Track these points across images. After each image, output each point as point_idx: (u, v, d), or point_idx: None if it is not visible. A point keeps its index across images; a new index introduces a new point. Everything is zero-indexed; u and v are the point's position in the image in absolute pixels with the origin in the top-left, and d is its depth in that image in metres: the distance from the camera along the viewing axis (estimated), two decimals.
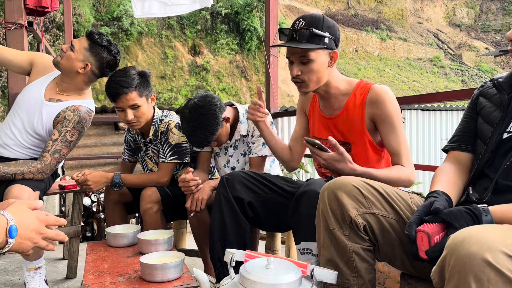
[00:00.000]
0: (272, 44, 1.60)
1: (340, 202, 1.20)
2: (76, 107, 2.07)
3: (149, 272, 1.44)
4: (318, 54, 1.53)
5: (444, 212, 1.01)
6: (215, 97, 1.97)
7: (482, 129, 1.26)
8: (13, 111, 2.12)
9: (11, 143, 2.07)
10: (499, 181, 1.12)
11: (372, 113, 1.56)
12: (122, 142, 3.82)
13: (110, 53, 2.07)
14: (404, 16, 23.82)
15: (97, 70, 2.09)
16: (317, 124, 1.74)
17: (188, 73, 13.71)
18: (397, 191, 1.27)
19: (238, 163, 2.19)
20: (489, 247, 0.78)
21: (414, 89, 18.04)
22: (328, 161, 1.41)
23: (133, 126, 2.15)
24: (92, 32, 2.07)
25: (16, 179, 1.92)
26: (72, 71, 2.05)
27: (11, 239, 0.90)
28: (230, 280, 1.15)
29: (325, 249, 1.24)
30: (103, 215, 3.46)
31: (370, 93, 1.57)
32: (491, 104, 1.26)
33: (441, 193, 1.14)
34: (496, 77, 1.31)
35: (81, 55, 2.03)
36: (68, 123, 2.03)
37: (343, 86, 1.64)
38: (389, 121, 1.54)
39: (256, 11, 13.32)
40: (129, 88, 2.04)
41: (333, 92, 1.64)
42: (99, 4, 12.80)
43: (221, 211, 1.73)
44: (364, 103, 1.58)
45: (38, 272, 2.06)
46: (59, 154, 2.02)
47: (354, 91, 1.62)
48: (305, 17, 1.53)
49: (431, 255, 0.97)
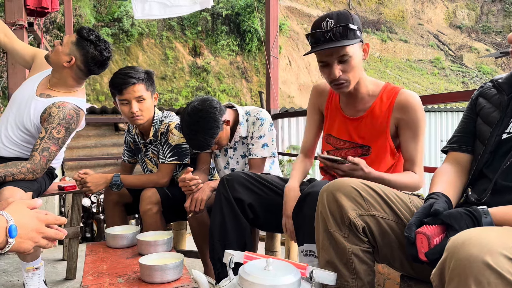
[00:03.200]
0: (305, 53, 1.56)
1: (339, 203, 1.20)
2: (62, 103, 2.05)
3: (148, 273, 1.44)
4: (354, 49, 1.50)
5: (443, 214, 1.01)
6: (214, 100, 1.97)
7: (481, 130, 1.25)
8: (8, 107, 2.14)
9: (6, 141, 2.07)
10: (498, 181, 1.12)
11: (399, 118, 1.55)
12: (122, 143, 3.81)
13: (95, 47, 2.05)
14: (404, 17, 23.83)
15: (82, 64, 2.07)
16: (337, 123, 1.70)
17: (189, 74, 13.71)
18: (396, 193, 1.27)
19: (237, 164, 2.19)
20: (490, 250, 0.78)
21: (415, 90, 18.03)
22: (348, 172, 1.41)
23: (136, 120, 2.12)
24: (83, 27, 2.07)
25: (6, 181, 1.90)
26: (59, 64, 2.06)
27: (11, 239, 0.90)
28: (229, 281, 1.15)
29: (324, 251, 1.24)
30: (103, 216, 3.46)
31: (399, 97, 1.55)
32: (491, 104, 1.25)
33: (441, 194, 1.13)
34: (496, 78, 1.31)
35: (67, 48, 2.04)
36: (53, 119, 2.01)
37: (370, 86, 1.62)
38: (414, 128, 1.54)
39: (257, 12, 13.32)
40: (136, 79, 2.06)
41: (362, 91, 1.61)
42: (99, 5, 12.80)
43: (221, 212, 1.72)
44: (391, 108, 1.56)
45: (37, 273, 2.05)
46: (48, 151, 1.99)
47: (381, 94, 1.59)
48: (332, 15, 1.48)
49: (431, 257, 0.97)
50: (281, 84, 14.02)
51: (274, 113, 3.63)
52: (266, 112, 2.15)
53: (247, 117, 2.12)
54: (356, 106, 1.64)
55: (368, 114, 1.60)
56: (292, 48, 16.02)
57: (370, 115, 1.60)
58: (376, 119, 1.58)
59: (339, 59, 1.48)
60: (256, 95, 13.76)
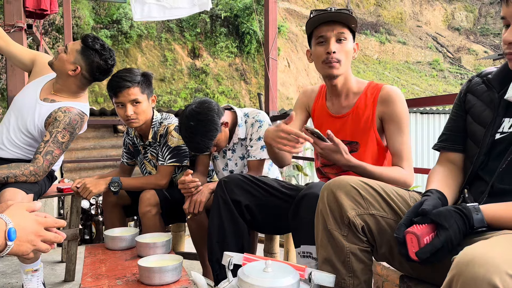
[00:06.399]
0: (308, 20, 1.63)
1: (339, 202, 1.21)
2: (68, 108, 2.06)
3: (147, 275, 1.44)
4: (349, 37, 1.60)
5: (433, 212, 1.00)
6: (212, 103, 1.97)
7: (473, 130, 1.23)
8: (9, 110, 2.14)
9: (7, 143, 2.07)
10: (495, 184, 1.11)
11: (382, 111, 1.60)
12: (121, 145, 3.82)
13: (101, 57, 2.06)
14: (403, 19, 23.88)
15: (87, 73, 2.08)
16: (324, 123, 1.74)
17: (188, 76, 13.72)
18: (396, 190, 1.27)
19: (236, 166, 2.19)
20: (496, 270, 0.77)
21: (413, 92, 18.07)
22: (325, 150, 1.46)
23: (131, 123, 2.13)
24: (87, 35, 2.07)
25: (8, 182, 1.90)
26: (63, 72, 2.06)
27: (10, 242, 0.90)
28: (228, 283, 1.15)
29: (323, 249, 1.25)
30: (102, 218, 3.46)
31: (382, 91, 1.61)
32: (481, 102, 1.22)
33: (434, 191, 1.13)
34: (484, 72, 1.26)
35: (72, 57, 2.04)
36: (59, 124, 2.02)
37: (355, 84, 1.68)
38: (396, 121, 1.57)
39: (256, 14, 13.34)
40: (131, 83, 2.06)
41: (347, 88, 1.67)
42: (98, 7, 12.80)
43: (219, 214, 1.72)
44: (375, 102, 1.61)
45: (36, 275, 2.05)
46: (51, 155, 2.00)
47: (366, 90, 1.65)
48: (334, 7, 1.58)
49: (422, 256, 0.97)
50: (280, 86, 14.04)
51: (273, 115, 3.64)
52: (264, 114, 2.15)
53: (246, 119, 2.13)
54: (342, 103, 1.69)
55: (354, 110, 1.65)
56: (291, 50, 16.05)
57: (355, 111, 1.64)
58: (362, 115, 1.63)
59: (338, 36, 1.58)
60: (255, 97, 13.78)
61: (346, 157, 1.45)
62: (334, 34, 1.57)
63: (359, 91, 1.66)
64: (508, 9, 1.02)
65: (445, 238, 0.95)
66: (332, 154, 1.45)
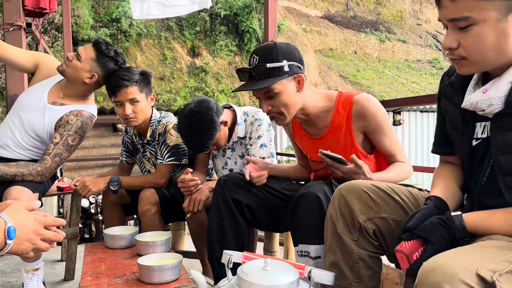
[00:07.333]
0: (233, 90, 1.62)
1: (350, 207, 1.21)
2: (79, 112, 2.08)
3: (146, 274, 1.44)
4: (282, 85, 1.52)
5: (418, 228, 1.00)
6: (211, 102, 1.97)
7: (452, 136, 1.19)
8: (14, 112, 2.13)
9: (11, 144, 2.07)
10: (481, 198, 1.09)
11: (362, 126, 1.59)
12: (120, 143, 3.83)
13: (116, 64, 2.10)
14: (403, 17, 23.86)
15: (103, 80, 2.11)
16: (306, 146, 1.76)
17: (187, 75, 13.70)
18: (409, 190, 1.26)
19: (236, 165, 2.19)
20: (452, 278, 0.78)
21: (413, 90, 18.06)
22: (347, 174, 1.44)
23: (130, 122, 2.14)
24: (98, 42, 2.08)
25: (15, 180, 1.92)
26: (78, 80, 2.07)
27: (9, 241, 0.90)
28: (228, 281, 1.15)
29: (331, 252, 1.25)
30: (101, 217, 3.46)
31: (354, 106, 1.58)
32: (453, 107, 1.14)
33: (433, 198, 1.11)
34: (452, 71, 1.18)
35: (88, 65, 2.05)
36: (71, 127, 2.04)
37: (321, 103, 1.64)
38: (380, 129, 1.58)
39: (255, 12, 13.33)
40: (130, 82, 2.06)
41: (313, 112, 1.64)
42: (98, 6, 12.78)
43: (219, 212, 1.73)
44: (350, 118, 1.59)
45: (36, 274, 2.06)
46: (60, 157, 2.03)
47: (336, 107, 1.62)
48: (258, 51, 1.52)
49: (413, 273, 0.96)
50: None
51: None
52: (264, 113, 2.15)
53: (245, 118, 2.13)
54: (316, 125, 1.67)
55: (330, 129, 1.64)
56: None
57: (332, 129, 1.63)
58: (340, 133, 1.61)
59: (266, 95, 1.54)
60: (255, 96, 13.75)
61: (368, 176, 1.43)
62: (261, 94, 1.55)
63: (329, 108, 1.63)
64: (442, 11, 0.97)
65: (432, 252, 0.95)
66: (355, 176, 1.43)
